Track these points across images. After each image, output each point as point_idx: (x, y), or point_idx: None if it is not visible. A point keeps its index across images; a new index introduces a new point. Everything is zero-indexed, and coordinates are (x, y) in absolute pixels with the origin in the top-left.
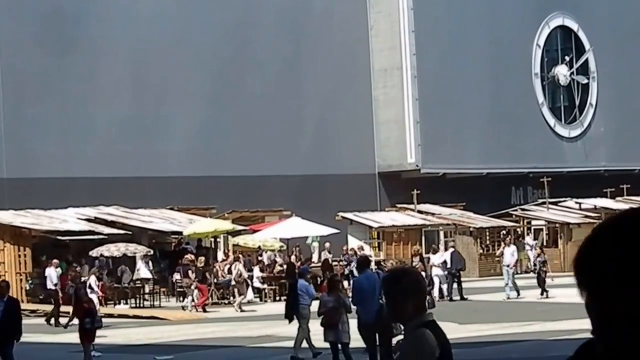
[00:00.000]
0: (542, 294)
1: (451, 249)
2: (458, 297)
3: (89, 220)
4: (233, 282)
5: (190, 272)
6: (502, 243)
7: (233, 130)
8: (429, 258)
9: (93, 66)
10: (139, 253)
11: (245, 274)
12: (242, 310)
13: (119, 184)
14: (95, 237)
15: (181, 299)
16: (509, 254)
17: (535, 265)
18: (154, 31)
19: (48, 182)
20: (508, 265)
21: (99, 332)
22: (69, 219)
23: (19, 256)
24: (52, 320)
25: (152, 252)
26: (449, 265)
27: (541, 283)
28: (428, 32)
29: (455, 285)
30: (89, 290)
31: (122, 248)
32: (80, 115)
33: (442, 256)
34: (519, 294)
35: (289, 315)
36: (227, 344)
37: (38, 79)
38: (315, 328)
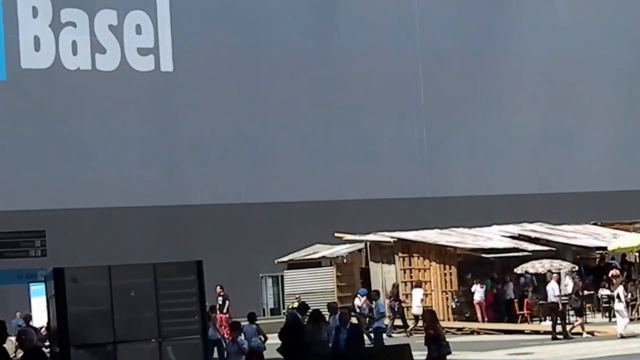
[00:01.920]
0: None
1: None
2: None
3: (512, 237)
4: None
5: None
6: None
7: None
8: None
9: (513, 84)
10: (564, 269)
11: None
12: None
13: (542, 200)
14: (519, 254)
15: (606, 314)
16: None
17: None
18: (567, 43)
19: (471, 200)
20: None
21: (520, 350)
22: (493, 237)
23: (445, 275)
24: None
25: (576, 268)
26: None
27: None
28: None
29: None
30: (616, 301)
31: (547, 264)
32: (497, 131)
33: None
34: None
35: None
36: None
37: (459, 98)
38: None
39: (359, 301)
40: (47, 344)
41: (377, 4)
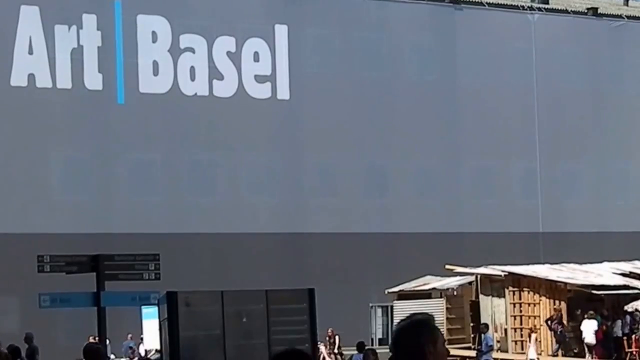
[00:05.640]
0: None
1: None
2: None
3: (623, 274)
4: None
5: None
6: None
7: None
8: None
9: (628, 123)
10: None
11: None
12: None
13: None
14: (630, 291)
15: None
16: None
17: None
18: None
19: (583, 237)
20: None
21: None
22: (604, 274)
23: (554, 310)
24: None
25: None
26: None
27: None
28: None
29: None
30: None
31: None
32: (615, 170)
33: None
34: None
35: None
36: None
37: (574, 134)
38: None
39: None
40: None
41: (494, 44)
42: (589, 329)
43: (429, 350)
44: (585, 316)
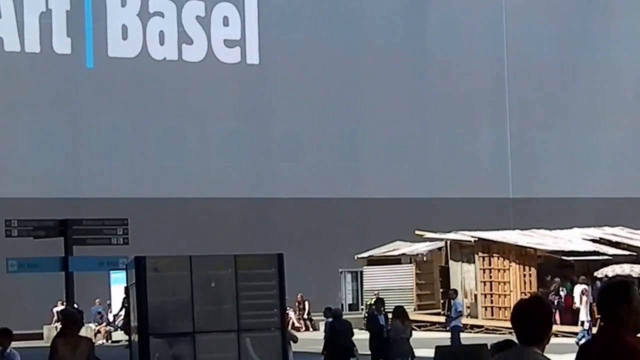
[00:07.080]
0: None
1: None
2: None
3: (593, 240)
4: None
5: None
6: None
7: None
8: None
9: (597, 91)
10: None
11: None
12: None
13: (623, 204)
14: (600, 257)
15: None
16: None
17: None
18: None
19: (553, 203)
20: None
21: None
22: (573, 240)
23: (524, 276)
24: None
25: None
26: None
27: None
28: None
29: None
30: None
31: (627, 269)
32: (585, 138)
33: None
34: None
35: None
36: None
37: (543, 104)
38: None
39: None
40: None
41: (465, 11)
42: (576, 293)
43: (622, 308)
44: (579, 281)
